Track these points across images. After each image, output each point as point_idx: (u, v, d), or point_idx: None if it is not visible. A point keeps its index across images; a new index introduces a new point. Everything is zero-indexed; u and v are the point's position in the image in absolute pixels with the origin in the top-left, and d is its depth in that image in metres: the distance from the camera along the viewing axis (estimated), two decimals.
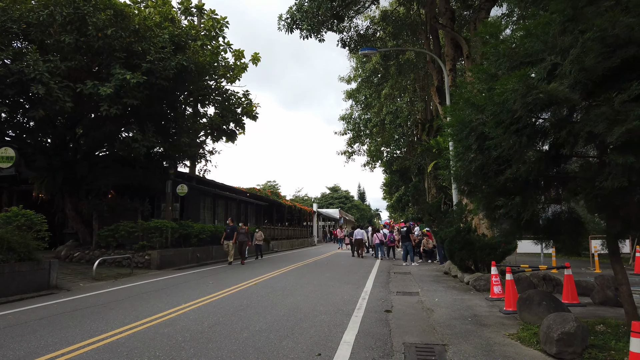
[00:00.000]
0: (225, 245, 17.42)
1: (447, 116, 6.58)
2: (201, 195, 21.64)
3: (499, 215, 5.85)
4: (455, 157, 5.95)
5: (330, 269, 15.19)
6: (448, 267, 13.48)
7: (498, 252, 10.93)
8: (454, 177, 6.21)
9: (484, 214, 6.24)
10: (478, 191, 6.04)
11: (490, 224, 6.49)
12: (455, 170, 6.12)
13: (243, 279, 11.85)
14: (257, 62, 24.63)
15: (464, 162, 5.85)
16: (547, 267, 8.71)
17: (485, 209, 5.96)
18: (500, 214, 5.65)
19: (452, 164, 6.18)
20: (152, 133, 15.45)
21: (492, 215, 5.92)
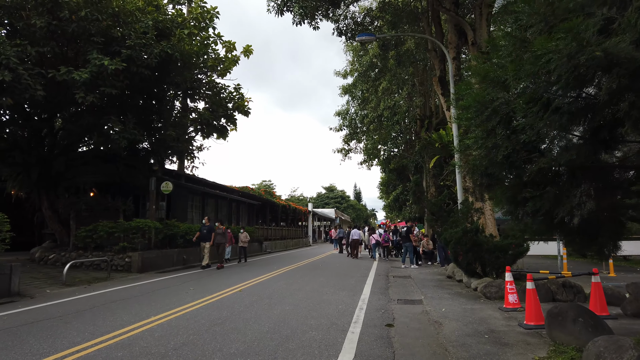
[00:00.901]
0: (202, 247, 15.92)
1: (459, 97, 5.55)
2: (189, 194, 20.54)
3: (524, 212, 4.82)
4: (474, 144, 4.92)
5: (325, 272, 14.15)
6: (451, 271, 12.48)
7: (509, 255, 9.94)
8: (471, 168, 5.19)
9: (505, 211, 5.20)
10: (500, 184, 5.01)
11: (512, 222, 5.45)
12: (473, 160, 5.10)
13: (228, 285, 10.78)
14: (249, 55, 23.59)
15: (484, 150, 4.82)
16: (574, 274, 7.69)
17: (509, 205, 4.93)
18: (528, 211, 4.62)
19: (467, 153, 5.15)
20: (133, 125, 14.34)
21: (517, 212, 4.89)
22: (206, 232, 15.83)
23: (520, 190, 4.79)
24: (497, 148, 4.60)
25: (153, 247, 16.07)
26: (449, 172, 12.70)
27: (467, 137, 5.32)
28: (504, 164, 4.60)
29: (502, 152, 4.53)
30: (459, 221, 10.45)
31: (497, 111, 4.64)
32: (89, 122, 14.43)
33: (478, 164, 5.01)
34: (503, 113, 4.62)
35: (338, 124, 26.94)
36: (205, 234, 15.82)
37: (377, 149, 30.90)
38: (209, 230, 15.90)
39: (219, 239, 16.12)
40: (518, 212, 4.86)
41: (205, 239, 15.79)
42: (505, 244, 9.91)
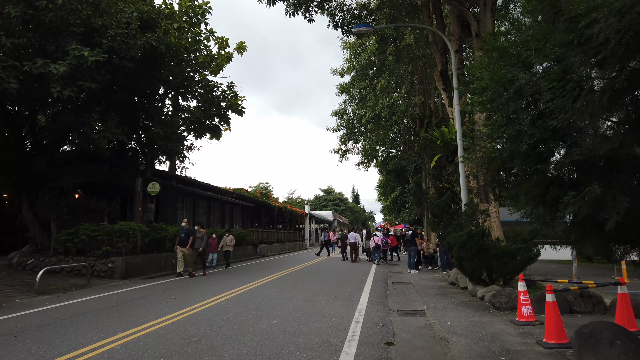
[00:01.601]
0: (180, 254, 14.07)
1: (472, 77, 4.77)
2: (179, 196, 19.71)
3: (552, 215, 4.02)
4: (493, 133, 4.13)
5: (320, 279, 13.33)
6: (455, 277, 11.68)
7: (517, 260, 9.15)
8: (486, 163, 4.40)
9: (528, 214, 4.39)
10: (522, 181, 4.21)
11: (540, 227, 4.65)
12: (488, 153, 4.31)
13: (214, 293, 9.95)
14: (243, 52, 22.80)
15: (504, 140, 4.03)
16: (598, 284, 6.90)
17: (535, 206, 4.13)
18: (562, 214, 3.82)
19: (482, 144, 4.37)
20: (116, 123, 13.54)
21: (545, 215, 4.10)
22: (184, 235, 14.32)
23: (547, 188, 3.99)
24: (520, 137, 3.80)
25: (139, 251, 15.24)
26: (451, 171, 11.91)
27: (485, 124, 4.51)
28: (529, 156, 3.81)
29: (528, 141, 3.73)
30: (464, 224, 9.67)
31: (521, 92, 3.86)
32: (70, 120, 13.61)
33: (496, 157, 4.21)
34: (527, 94, 3.84)
35: (335, 124, 26.21)
36: (183, 238, 14.27)
37: (375, 150, 30.12)
38: (187, 234, 14.36)
39: (198, 243, 14.67)
40: (546, 215, 4.06)
41: (183, 243, 14.19)
42: (514, 249, 9.13)
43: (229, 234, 18.22)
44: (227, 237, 17.97)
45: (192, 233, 14.43)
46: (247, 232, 25.47)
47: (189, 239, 14.16)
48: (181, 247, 14.10)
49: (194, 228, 14.98)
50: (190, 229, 14.68)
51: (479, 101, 4.29)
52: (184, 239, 14.21)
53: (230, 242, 17.86)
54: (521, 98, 3.77)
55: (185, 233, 14.34)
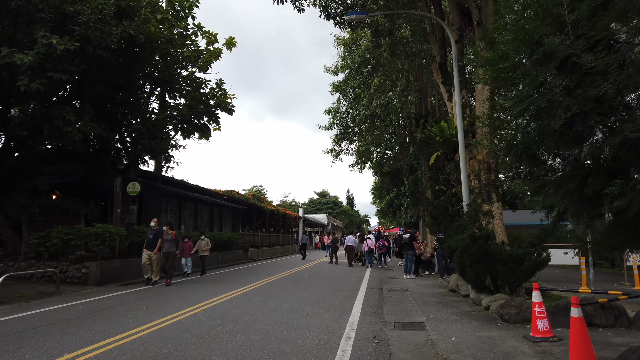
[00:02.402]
0: (146, 257, 12.56)
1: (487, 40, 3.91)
2: (163, 197, 18.74)
3: (593, 213, 3.16)
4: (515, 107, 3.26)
5: (310, 285, 12.43)
6: (455, 284, 10.82)
7: (525, 266, 8.31)
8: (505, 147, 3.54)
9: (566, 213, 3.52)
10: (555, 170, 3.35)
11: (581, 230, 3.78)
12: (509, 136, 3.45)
13: (192, 302, 9.02)
14: (232, 48, 22.01)
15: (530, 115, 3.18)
16: (630, 295, 6.05)
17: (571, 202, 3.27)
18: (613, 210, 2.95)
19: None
20: (92, 117, 12.59)
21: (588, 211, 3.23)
22: (152, 237, 12.78)
23: (585, 179, 3.13)
24: (552, 110, 2.94)
25: (118, 255, 14.29)
26: (450, 170, 11.08)
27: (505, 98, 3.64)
28: (563, 135, 2.95)
29: (562, 116, 2.87)
30: (466, 226, 8.81)
31: (553, 54, 3.00)
32: (42, 113, 12.66)
33: (519, 141, 3.35)
34: (562, 56, 2.98)
35: (328, 122, 25.35)
36: (151, 240, 12.74)
37: (370, 151, 29.30)
38: (155, 236, 12.81)
39: (166, 246, 12.91)
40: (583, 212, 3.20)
41: (151, 246, 12.67)
42: (521, 254, 8.29)
43: (204, 237, 16.73)
44: (203, 240, 16.44)
45: (160, 235, 12.86)
46: (236, 236, 24.52)
47: (157, 241, 12.69)
48: (148, 250, 12.61)
49: (163, 229, 13.25)
50: (159, 230, 13.07)
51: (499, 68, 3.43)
52: (152, 241, 12.71)
53: (205, 247, 16.32)
54: (554, 60, 2.93)
55: (153, 234, 12.83)
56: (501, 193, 10.73)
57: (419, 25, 15.91)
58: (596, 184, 2.98)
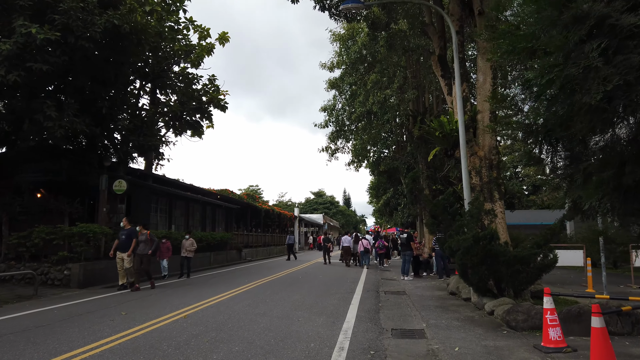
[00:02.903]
0: (119, 260, 11.47)
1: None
2: (153, 196, 18.13)
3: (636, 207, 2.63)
4: (540, 76, 2.71)
5: (304, 287, 11.88)
6: (455, 286, 10.30)
7: (531, 267, 7.79)
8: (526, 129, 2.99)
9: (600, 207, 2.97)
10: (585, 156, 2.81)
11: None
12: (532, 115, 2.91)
13: (176, 307, 8.45)
14: (225, 43, 21.38)
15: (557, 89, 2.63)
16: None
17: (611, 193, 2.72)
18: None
19: None
20: (75, 111, 12.01)
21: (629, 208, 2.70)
22: (124, 238, 11.59)
23: (622, 167, 2.59)
24: (588, 81, 2.41)
25: (103, 256, 13.69)
26: (451, 166, 10.56)
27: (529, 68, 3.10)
28: (601, 112, 2.41)
29: (601, 89, 2.33)
30: (467, 225, 8.29)
31: (586, 15, 2.46)
32: (22, 107, 12.05)
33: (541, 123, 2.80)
34: (596, 17, 2.45)
35: (324, 120, 24.80)
36: (124, 241, 11.54)
37: (367, 150, 28.76)
38: (128, 237, 11.60)
39: (141, 248, 11.70)
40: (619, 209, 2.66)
41: (123, 247, 11.47)
42: (527, 255, 7.77)
43: (189, 236, 15.50)
44: (187, 240, 15.20)
45: (134, 235, 11.71)
46: (230, 236, 23.94)
47: (131, 243, 11.52)
48: (121, 252, 11.44)
49: (137, 229, 12.02)
50: (132, 229, 11.80)
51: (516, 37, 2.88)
52: (125, 242, 11.50)
53: (190, 247, 15.10)
54: (589, 19, 2.40)
55: (126, 235, 11.60)
56: (504, 191, 10.22)
57: (417, 19, 15.39)
58: (637, 172, 2.46)
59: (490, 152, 10.39)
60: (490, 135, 10.45)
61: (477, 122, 10.54)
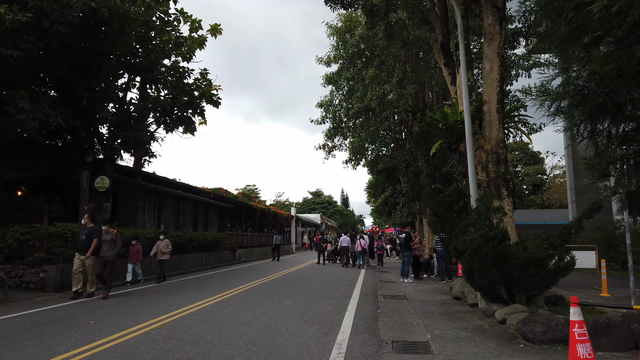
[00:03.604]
0: (78, 263, 9.88)
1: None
2: (141, 194, 17.31)
3: None
4: None
5: (296, 291, 11.09)
6: (459, 290, 9.53)
7: (547, 271, 7.02)
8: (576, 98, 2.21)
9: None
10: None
11: None
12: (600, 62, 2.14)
13: (151, 315, 7.65)
14: (217, 35, 20.59)
15: None
16: None
17: None
18: None
19: None
20: (51, 103, 11.20)
21: None
22: (85, 238, 9.95)
23: None
24: None
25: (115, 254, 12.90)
26: (455, 161, 9.79)
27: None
28: None
29: None
30: (475, 224, 7.51)
31: None
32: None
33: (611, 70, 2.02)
34: None
35: (321, 116, 23.98)
36: (84, 242, 9.93)
37: (364, 148, 28.01)
38: (88, 236, 9.92)
39: (104, 249, 10.06)
40: None
41: (83, 249, 9.88)
42: (542, 257, 7.00)
43: (164, 237, 14.05)
44: (162, 241, 13.82)
45: (96, 234, 10.01)
46: (223, 236, 23.11)
47: (92, 243, 9.85)
48: (80, 253, 9.91)
49: (100, 228, 10.34)
50: (94, 228, 10.10)
51: None
52: (85, 242, 9.89)
53: (165, 249, 13.70)
54: None
55: (86, 234, 9.97)
56: (512, 188, 9.46)
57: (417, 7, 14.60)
58: None
59: (497, 145, 9.63)
60: (498, 127, 9.70)
61: (483, 114, 9.78)
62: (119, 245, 10.45)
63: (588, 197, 22.37)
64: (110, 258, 10.19)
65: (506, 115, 9.86)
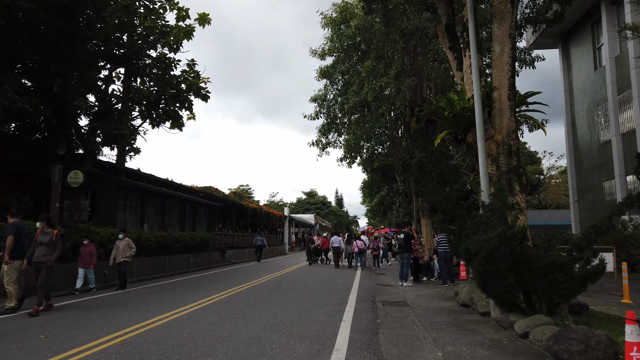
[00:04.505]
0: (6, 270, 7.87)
1: None
2: (122, 191, 16.21)
3: None
4: None
5: (286, 297, 10.08)
6: (468, 297, 8.55)
7: (575, 276, 6.06)
8: None
9: None
10: None
11: None
12: None
13: (117, 326, 6.62)
14: (206, 25, 19.54)
15: None
16: None
17: None
18: None
19: None
20: (16, 87, 10.13)
21: None
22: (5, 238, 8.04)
23: None
24: None
25: (54, 260, 11.77)
26: (462, 153, 8.82)
27: None
28: None
29: None
30: (488, 222, 6.56)
31: None
32: None
33: None
34: None
35: (314, 111, 23.00)
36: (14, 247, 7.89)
37: (360, 146, 27.04)
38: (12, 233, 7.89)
39: (39, 253, 8.08)
40: None
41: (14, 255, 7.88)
42: (569, 260, 6.05)
43: (124, 235, 12.09)
44: (122, 241, 11.89)
45: (12, 231, 7.90)
46: (211, 236, 22.05)
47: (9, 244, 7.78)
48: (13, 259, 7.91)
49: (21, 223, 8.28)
50: (15, 225, 8.02)
51: None
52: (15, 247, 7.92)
53: (125, 250, 11.79)
54: None
55: (10, 231, 7.92)
56: (525, 183, 8.52)
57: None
58: None
59: (509, 136, 8.68)
60: (509, 115, 8.76)
61: (493, 101, 8.84)
62: (59, 248, 8.35)
63: (590, 197, 21.60)
64: (47, 264, 8.05)
65: (519, 102, 8.90)
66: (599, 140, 20.78)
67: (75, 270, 11.36)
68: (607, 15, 19.32)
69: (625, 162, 18.45)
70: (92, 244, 11.56)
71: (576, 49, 22.76)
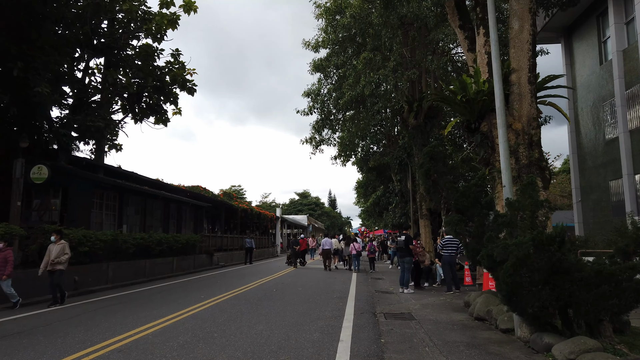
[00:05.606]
0: None
1: None
2: (97, 189, 14.88)
3: None
4: None
5: (274, 307, 8.88)
6: (484, 309, 7.41)
7: (623, 289, 4.94)
8: None
9: None
10: None
11: None
12: None
13: (63, 351, 5.39)
14: (191, 12, 18.25)
15: None
16: None
17: None
18: None
19: None
20: None
21: None
22: None
23: None
24: None
25: (20, 264, 10.54)
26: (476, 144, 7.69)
27: None
28: None
29: None
30: (521, 225, 5.44)
31: None
32: None
33: None
34: None
35: (307, 106, 21.87)
36: None
37: (355, 144, 25.91)
38: None
39: None
40: None
41: None
42: (619, 270, 4.94)
43: (58, 237, 9.68)
44: (55, 244, 9.53)
45: None
46: (198, 238, 20.77)
47: None
48: None
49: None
50: None
51: None
52: None
53: (60, 255, 9.41)
54: None
55: None
56: (549, 178, 7.44)
57: None
58: None
59: (529, 124, 7.62)
60: (530, 101, 7.68)
61: (511, 84, 7.76)
62: None
63: (595, 197, 20.72)
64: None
65: (540, 87, 7.83)
66: (605, 138, 19.84)
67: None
68: (614, 7, 18.43)
69: (634, 161, 17.51)
70: (9, 248, 9.07)
71: (580, 43, 21.86)
